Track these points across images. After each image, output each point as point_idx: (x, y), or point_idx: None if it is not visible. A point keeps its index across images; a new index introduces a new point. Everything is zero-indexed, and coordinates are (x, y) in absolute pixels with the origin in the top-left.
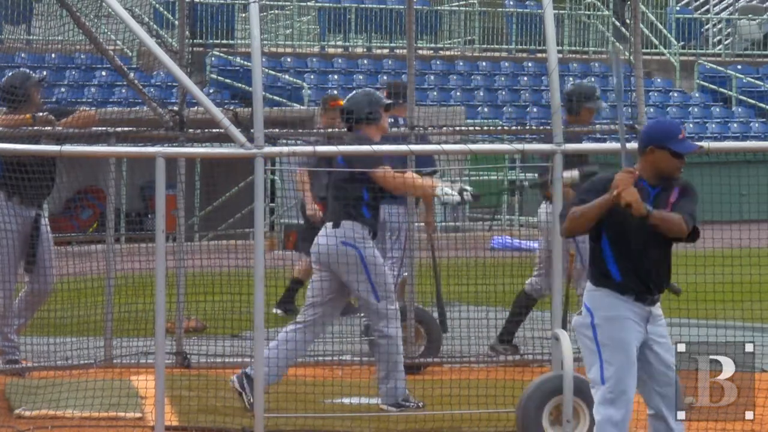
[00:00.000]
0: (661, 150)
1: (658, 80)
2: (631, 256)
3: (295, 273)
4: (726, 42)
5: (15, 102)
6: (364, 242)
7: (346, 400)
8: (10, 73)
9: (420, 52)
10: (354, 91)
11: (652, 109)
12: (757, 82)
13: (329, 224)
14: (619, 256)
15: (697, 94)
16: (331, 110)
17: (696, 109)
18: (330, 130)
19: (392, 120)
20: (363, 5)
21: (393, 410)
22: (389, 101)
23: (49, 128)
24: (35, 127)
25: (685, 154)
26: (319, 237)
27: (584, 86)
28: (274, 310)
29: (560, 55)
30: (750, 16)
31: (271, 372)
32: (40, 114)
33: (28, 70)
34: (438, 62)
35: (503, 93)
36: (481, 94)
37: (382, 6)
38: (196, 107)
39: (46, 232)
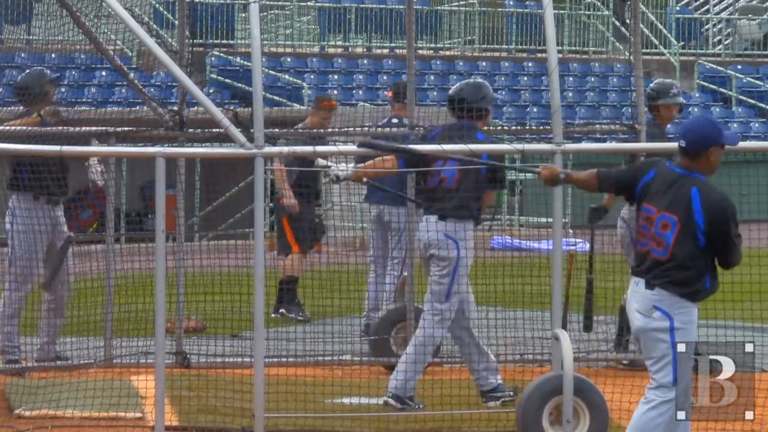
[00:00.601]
0: (718, 147)
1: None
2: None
3: (287, 272)
4: (726, 42)
5: (31, 101)
6: (466, 242)
7: (346, 400)
8: (25, 72)
9: (420, 52)
10: (464, 82)
11: None
12: (757, 82)
13: (433, 217)
14: (714, 271)
15: (697, 94)
16: (323, 110)
17: (696, 109)
18: (320, 130)
19: (397, 120)
20: (363, 5)
21: (393, 403)
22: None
23: (54, 127)
24: (44, 127)
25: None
26: (429, 231)
27: (663, 83)
28: (274, 315)
29: (560, 55)
30: (750, 16)
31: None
32: (47, 108)
33: (42, 68)
34: (438, 62)
35: (503, 93)
36: None
37: (382, 6)
38: (196, 107)
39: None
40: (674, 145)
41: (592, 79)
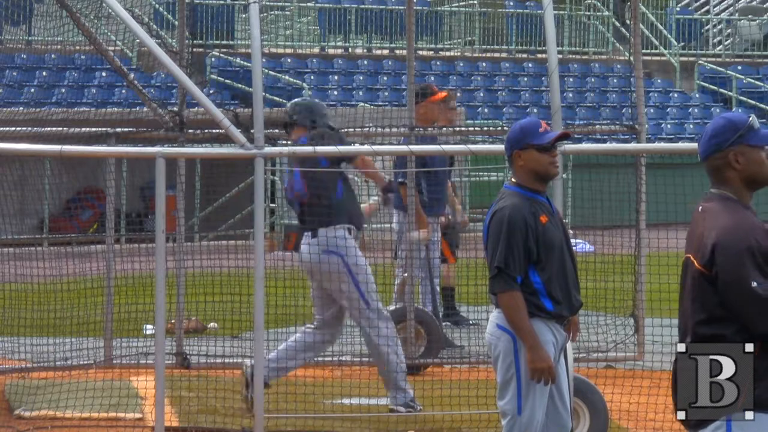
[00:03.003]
0: (528, 150)
1: (659, 81)
2: None
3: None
4: (726, 43)
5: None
6: (347, 249)
7: (346, 401)
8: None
9: (420, 52)
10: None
11: (652, 110)
12: (758, 82)
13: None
14: (557, 290)
15: (697, 95)
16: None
17: (696, 110)
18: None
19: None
20: (363, 6)
21: (402, 410)
22: None
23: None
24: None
25: (552, 146)
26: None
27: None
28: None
29: (560, 56)
30: (750, 16)
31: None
32: None
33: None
34: (438, 63)
35: (503, 93)
36: (481, 94)
37: (382, 7)
38: (196, 108)
39: None
40: (673, 145)
41: (592, 79)
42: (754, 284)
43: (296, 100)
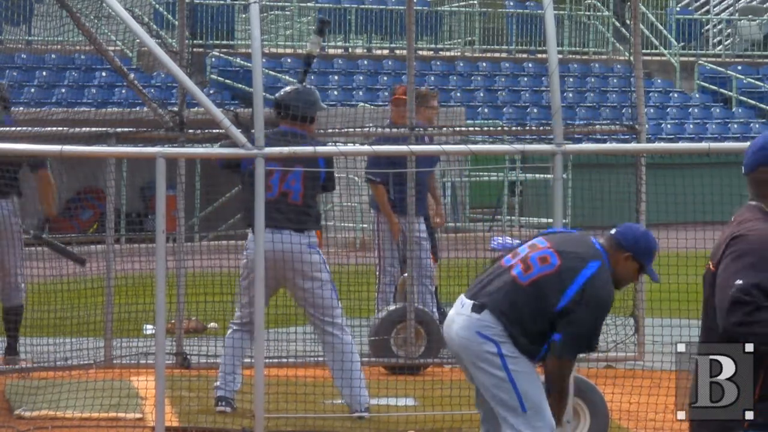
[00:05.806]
0: (634, 262)
1: (659, 81)
2: None
3: None
4: (726, 42)
5: None
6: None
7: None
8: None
9: (420, 52)
10: (292, 87)
11: (652, 110)
12: (758, 82)
13: (286, 230)
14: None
15: (697, 95)
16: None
17: (696, 110)
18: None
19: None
20: (363, 6)
21: (367, 415)
22: None
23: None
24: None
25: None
26: (284, 244)
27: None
28: None
29: (560, 56)
30: (750, 16)
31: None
32: None
33: None
34: (438, 63)
35: (503, 93)
36: (481, 94)
37: (382, 7)
38: (196, 108)
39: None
40: (673, 145)
41: (592, 79)
42: (739, 281)
43: (289, 90)
